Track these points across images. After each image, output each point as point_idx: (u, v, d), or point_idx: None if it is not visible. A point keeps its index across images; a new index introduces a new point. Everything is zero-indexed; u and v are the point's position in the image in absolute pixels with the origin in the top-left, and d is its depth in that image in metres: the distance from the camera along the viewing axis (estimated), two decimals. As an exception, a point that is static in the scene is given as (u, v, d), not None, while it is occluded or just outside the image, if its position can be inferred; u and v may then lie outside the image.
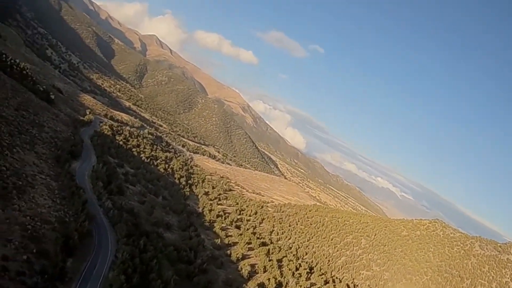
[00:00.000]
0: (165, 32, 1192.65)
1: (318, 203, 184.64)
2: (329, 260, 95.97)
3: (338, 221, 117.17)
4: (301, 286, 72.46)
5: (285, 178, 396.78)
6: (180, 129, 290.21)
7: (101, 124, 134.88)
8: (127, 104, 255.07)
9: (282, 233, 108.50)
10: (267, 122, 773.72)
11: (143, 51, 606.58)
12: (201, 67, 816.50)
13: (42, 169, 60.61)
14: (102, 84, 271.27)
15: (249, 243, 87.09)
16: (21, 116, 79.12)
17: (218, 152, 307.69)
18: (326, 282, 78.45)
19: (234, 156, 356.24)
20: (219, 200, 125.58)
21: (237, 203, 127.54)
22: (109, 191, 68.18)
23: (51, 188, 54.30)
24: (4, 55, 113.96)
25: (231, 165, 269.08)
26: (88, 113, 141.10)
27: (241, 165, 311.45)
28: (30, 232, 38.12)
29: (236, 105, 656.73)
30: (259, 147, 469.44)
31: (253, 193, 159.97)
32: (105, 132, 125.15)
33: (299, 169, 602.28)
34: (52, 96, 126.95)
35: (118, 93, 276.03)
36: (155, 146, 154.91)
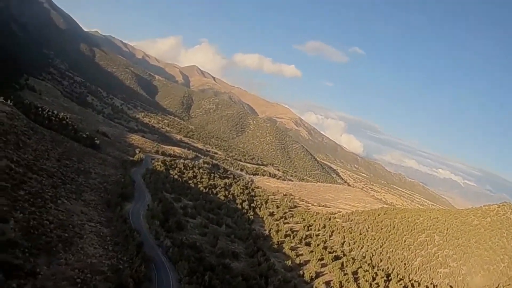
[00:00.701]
0: (205, 60, 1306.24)
1: (385, 205, 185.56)
2: (405, 264, 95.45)
3: (408, 220, 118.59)
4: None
5: (349, 185, 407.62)
6: (236, 154, 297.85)
7: (153, 161, 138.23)
8: (178, 137, 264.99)
9: (354, 243, 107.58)
10: (321, 132, 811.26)
11: (186, 83, 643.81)
12: (247, 89, 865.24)
13: (91, 216, 60.46)
14: (149, 121, 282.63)
15: (321, 259, 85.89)
16: (64, 166, 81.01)
17: (278, 170, 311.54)
18: (405, 288, 76.40)
19: (295, 172, 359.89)
20: (285, 219, 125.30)
21: (304, 219, 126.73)
22: (167, 229, 66.66)
23: (102, 235, 53.50)
24: (40, 109, 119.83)
25: (292, 181, 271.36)
26: (137, 152, 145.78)
27: (303, 179, 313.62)
28: (79, 286, 36.76)
29: (289, 121, 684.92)
30: (317, 159, 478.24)
31: (319, 206, 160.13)
32: (158, 169, 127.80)
33: (361, 173, 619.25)
34: (97, 141, 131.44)
35: (167, 127, 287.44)
36: (212, 175, 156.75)
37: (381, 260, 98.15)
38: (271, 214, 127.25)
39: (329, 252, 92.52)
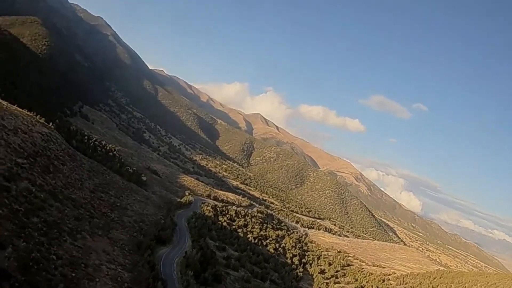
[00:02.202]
0: (269, 109, 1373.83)
1: (440, 268, 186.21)
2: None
3: (465, 286, 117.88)
4: None
5: (405, 244, 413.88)
6: (293, 205, 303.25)
7: (202, 205, 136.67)
8: (235, 183, 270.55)
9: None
10: (381, 188, 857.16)
11: (249, 130, 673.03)
12: (310, 141, 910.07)
13: (113, 257, 56.16)
14: (206, 164, 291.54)
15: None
16: (97, 198, 78.73)
17: (335, 225, 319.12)
18: None
19: (351, 228, 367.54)
20: (336, 278, 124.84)
21: (356, 279, 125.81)
22: (202, 280, 60.99)
23: (119, 281, 48.62)
24: (86, 137, 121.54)
25: (348, 237, 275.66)
26: (187, 194, 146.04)
27: (359, 236, 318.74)
28: None
29: (349, 175, 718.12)
30: (375, 215, 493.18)
31: (373, 265, 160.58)
32: (206, 213, 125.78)
33: (417, 232, 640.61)
34: (144, 178, 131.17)
35: (224, 172, 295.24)
36: (265, 225, 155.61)
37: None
38: (322, 272, 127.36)
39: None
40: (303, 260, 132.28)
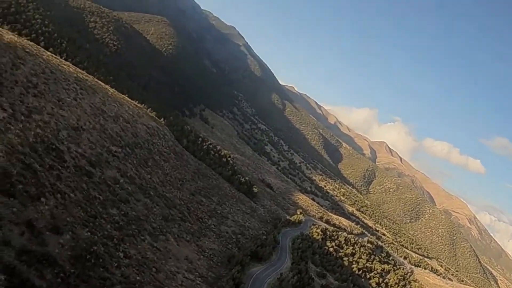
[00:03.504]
0: (395, 139, 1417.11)
1: None
2: None
3: None
4: None
5: None
6: (404, 239, 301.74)
7: (311, 227, 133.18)
8: (350, 209, 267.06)
9: None
10: (491, 234, 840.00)
11: (373, 158, 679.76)
12: (430, 176, 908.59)
13: (196, 267, 51.90)
14: (325, 186, 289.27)
15: None
16: (196, 202, 76.08)
17: (441, 266, 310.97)
18: None
19: (456, 271, 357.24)
20: None
21: None
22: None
23: (193, 294, 44.43)
24: (200, 139, 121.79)
25: (452, 280, 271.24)
26: (298, 213, 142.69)
27: (462, 281, 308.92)
28: None
29: (463, 216, 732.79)
30: (481, 261, 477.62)
31: None
32: (314, 236, 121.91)
33: None
34: (255, 189, 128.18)
35: (341, 197, 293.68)
36: (372, 256, 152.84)
37: None
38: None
39: None
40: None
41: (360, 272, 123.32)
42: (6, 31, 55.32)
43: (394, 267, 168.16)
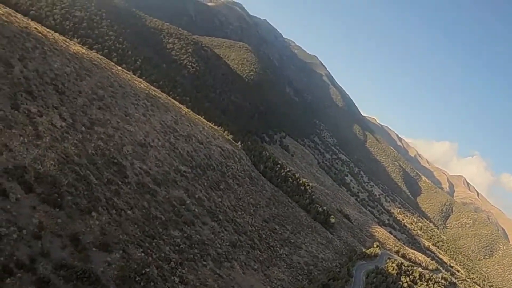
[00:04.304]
0: (473, 173, 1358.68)
1: None
2: None
3: None
4: None
5: None
6: (477, 276, 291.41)
7: (387, 261, 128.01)
8: (426, 243, 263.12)
9: None
10: None
11: (451, 192, 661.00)
12: (505, 211, 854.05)
13: (261, 299, 47.77)
14: (402, 219, 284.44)
15: None
16: (269, 229, 71.77)
17: None
18: None
19: None
20: None
21: None
22: None
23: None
24: (278, 165, 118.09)
25: None
26: (375, 246, 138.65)
27: None
28: None
29: None
30: None
31: None
32: (389, 270, 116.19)
33: None
34: (332, 220, 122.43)
35: (419, 231, 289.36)
36: None
37: None
38: None
39: None
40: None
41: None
42: (74, 43, 55.04)
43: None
